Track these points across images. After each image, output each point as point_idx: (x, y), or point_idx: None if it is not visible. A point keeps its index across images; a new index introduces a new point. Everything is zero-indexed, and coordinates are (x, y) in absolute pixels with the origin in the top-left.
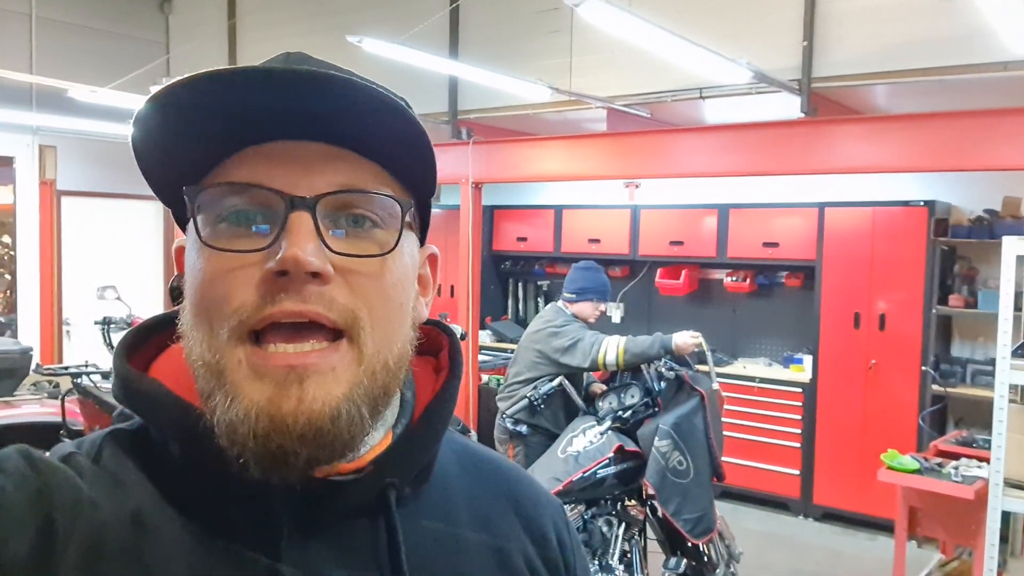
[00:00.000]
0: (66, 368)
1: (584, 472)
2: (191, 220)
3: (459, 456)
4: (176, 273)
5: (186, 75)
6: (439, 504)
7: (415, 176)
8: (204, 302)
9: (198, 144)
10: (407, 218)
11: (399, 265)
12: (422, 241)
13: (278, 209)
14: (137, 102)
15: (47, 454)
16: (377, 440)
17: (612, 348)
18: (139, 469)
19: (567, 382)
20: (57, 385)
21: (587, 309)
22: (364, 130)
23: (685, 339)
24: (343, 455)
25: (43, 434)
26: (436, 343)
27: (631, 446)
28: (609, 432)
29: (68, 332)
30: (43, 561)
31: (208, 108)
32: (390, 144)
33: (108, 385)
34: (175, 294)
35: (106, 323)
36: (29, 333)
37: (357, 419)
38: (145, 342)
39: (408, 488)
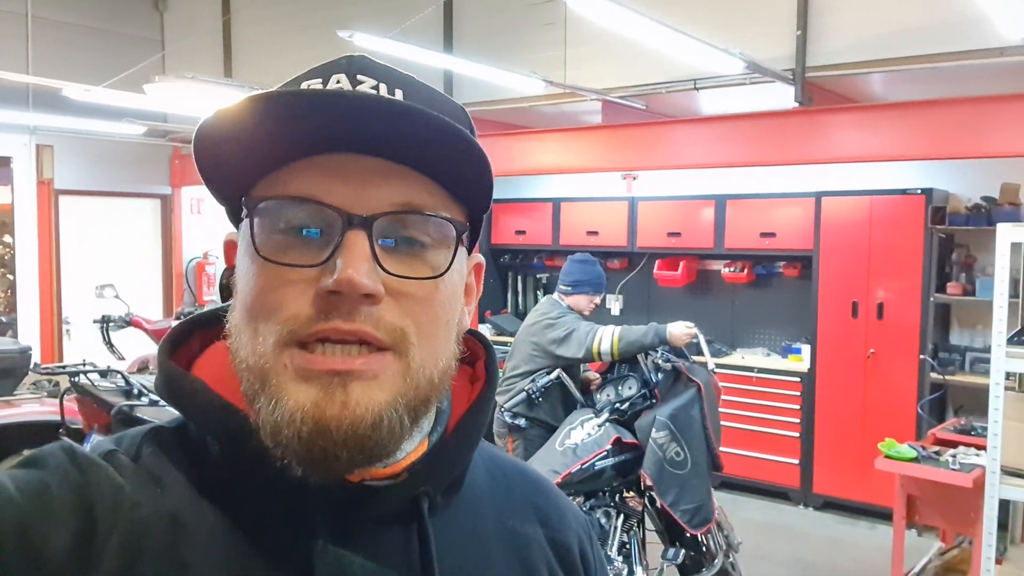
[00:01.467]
0: (63, 367)
1: (582, 464)
2: (245, 223)
3: (488, 465)
4: (226, 267)
5: (271, 89)
6: (469, 515)
7: (471, 193)
8: (255, 309)
9: (259, 150)
10: (461, 238)
11: (449, 284)
12: (469, 250)
13: (334, 224)
14: (133, 100)
15: (88, 451)
16: (413, 447)
17: (607, 337)
18: (178, 468)
19: (564, 375)
20: (56, 384)
21: (582, 302)
22: (422, 148)
23: (680, 329)
24: (381, 460)
25: (42, 433)
26: (473, 353)
27: (629, 438)
28: (607, 424)
29: (68, 331)
30: (84, 556)
31: (276, 117)
32: (448, 162)
33: (106, 384)
34: (225, 292)
35: (105, 321)
36: (29, 332)
37: (398, 427)
38: (188, 339)
39: (440, 497)
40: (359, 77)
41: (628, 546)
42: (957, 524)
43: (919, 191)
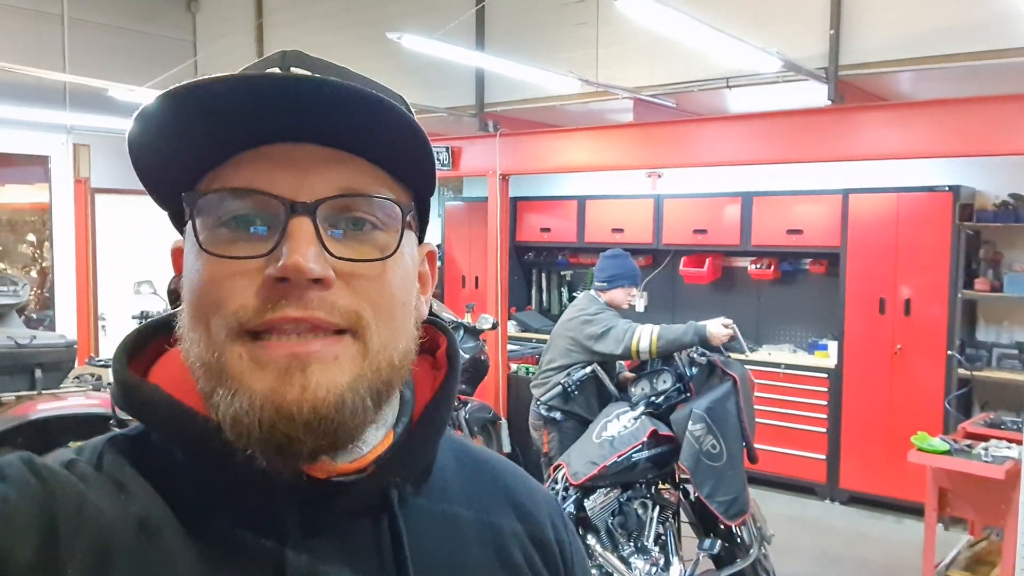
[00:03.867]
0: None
1: (619, 456)
2: (189, 224)
3: (456, 454)
4: (174, 275)
5: (190, 80)
6: (440, 502)
7: (414, 176)
8: (202, 305)
9: (195, 146)
10: (407, 219)
11: (400, 266)
12: (421, 238)
13: (278, 214)
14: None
15: (48, 461)
16: (379, 439)
17: (646, 336)
18: (141, 474)
19: (600, 369)
20: (100, 378)
21: (620, 296)
22: (362, 133)
23: (718, 328)
24: (346, 445)
25: (92, 424)
26: (433, 341)
27: (664, 431)
28: (643, 417)
29: (104, 327)
30: (48, 568)
31: (207, 111)
32: (389, 145)
33: None
34: (173, 297)
35: (144, 317)
36: (66, 328)
37: (361, 409)
38: (143, 346)
39: (410, 487)
40: (293, 69)
41: (664, 537)
42: (988, 516)
43: (946, 188)
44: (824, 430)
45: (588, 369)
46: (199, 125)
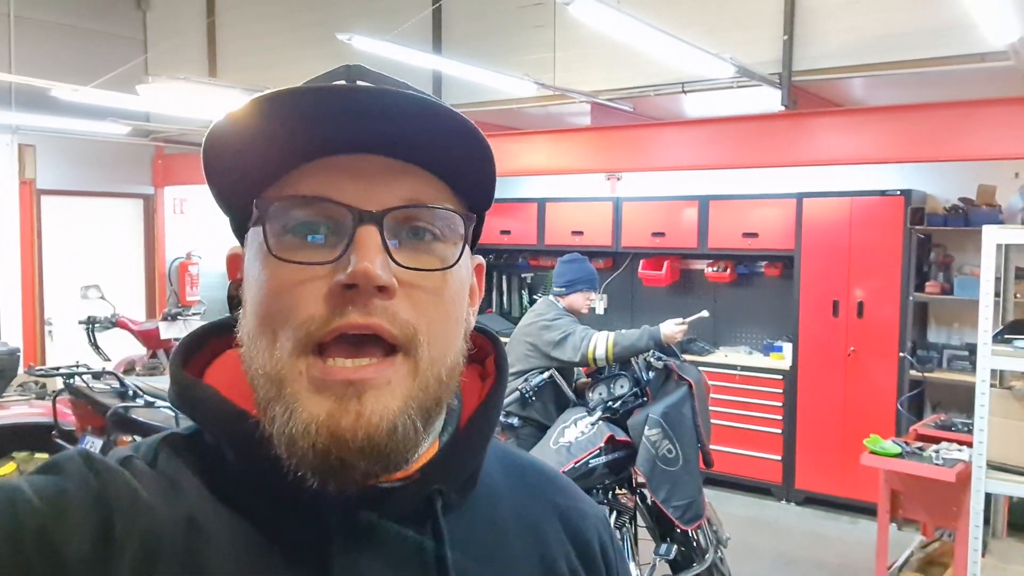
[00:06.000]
0: (58, 368)
1: (576, 462)
2: (259, 229)
3: (503, 462)
4: (231, 280)
5: (268, 91)
6: (486, 511)
7: (475, 189)
8: (270, 313)
9: (267, 155)
10: (467, 232)
11: (457, 279)
12: (472, 247)
13: (345, 222)
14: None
15: (106, 458)
16: (425, 448)
17: (601, 343)
18: (194, 474)
19: (557, 375)
20: (43, 386)
21: (578, 300)
22: (429, 147)
23: (672, 328)
24: (399, 467)
25: (34, 434)
26: (482, 350)
27: (622, 436)
28: (600, 422)
29: (50, 332)
30: (102, 561)
31: (280, 122)
32: (454, 160)
33: (101, 385)
34: (233, 304)
35: (91, 322)
36: (11, 334)
37: (412, 432)
38: (200, 348)
39: (455, 495)
40: (358, 83)
41: (621, 542)
42: (939, 518)
43: (898, 192)
44: (780, 431)
45: (546, 375)
46: (276, 134)
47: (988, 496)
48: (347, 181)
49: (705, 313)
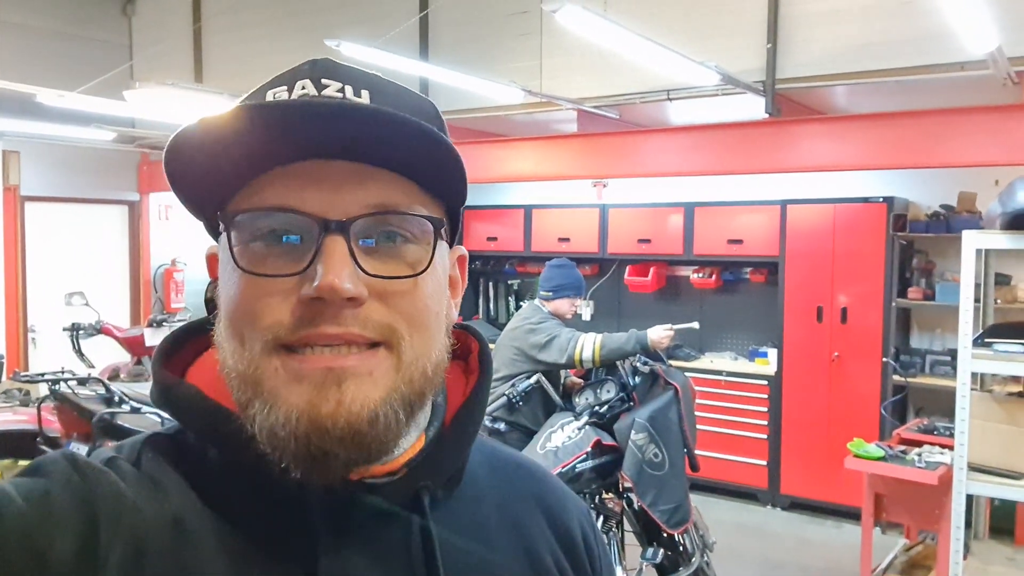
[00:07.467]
0: (43, 375)
1: (563, 467)
2: (224, 237)
3: (487, 458)
4: (210, 280)
5: (237, 103)
6: (471, 506)
7: (445, 187)
8: (238, 319)
9: (231, 164)
10: (439, 232)
11: (432, 280)
12: (451, 243)
13: (311, 230)
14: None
15: (90, 458)
16: (410, 443)
17: (588, 345)
18: (178, 473)
19: (544, 379)
20: (28, 393)
21: (564, 306)
22: (394, 152)
23: (659, 333)
24: (380, 457)
25: (19, 442)
26: (465, 346)
27: (608, 440)
28: (587, 427)
29: (34, 339)
30: (88, 562)
31: (244, 132)
32: (420, 162)
33: (86, 392)
34: (210, 305)
35: (75, 329)
36: None
37: (394, 423)
38: (181, 347)
39: (440, 491)
40: (323, 81)
41: (608, 546)
42: (922, 521)
43: (881, 199)
44: (765, 436)
45: (533, 379)
46: (237, 144)
47: (970, 498)
48: (312, 189)
49: (695, 325)
